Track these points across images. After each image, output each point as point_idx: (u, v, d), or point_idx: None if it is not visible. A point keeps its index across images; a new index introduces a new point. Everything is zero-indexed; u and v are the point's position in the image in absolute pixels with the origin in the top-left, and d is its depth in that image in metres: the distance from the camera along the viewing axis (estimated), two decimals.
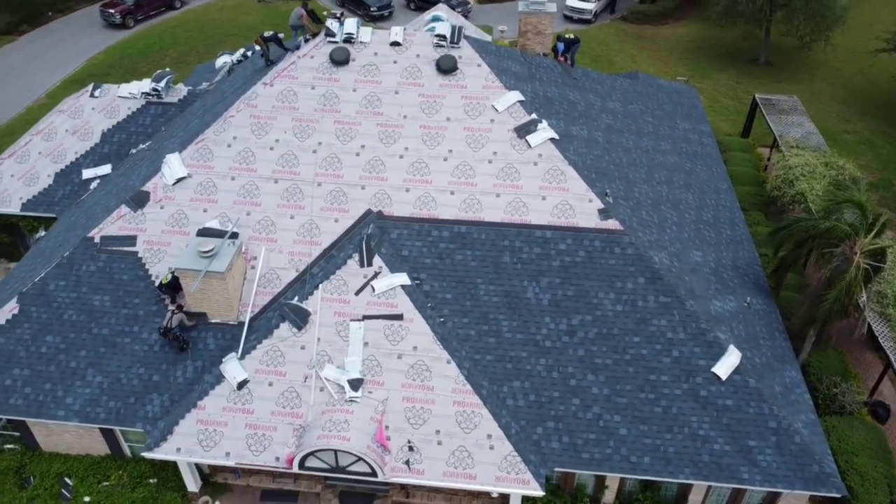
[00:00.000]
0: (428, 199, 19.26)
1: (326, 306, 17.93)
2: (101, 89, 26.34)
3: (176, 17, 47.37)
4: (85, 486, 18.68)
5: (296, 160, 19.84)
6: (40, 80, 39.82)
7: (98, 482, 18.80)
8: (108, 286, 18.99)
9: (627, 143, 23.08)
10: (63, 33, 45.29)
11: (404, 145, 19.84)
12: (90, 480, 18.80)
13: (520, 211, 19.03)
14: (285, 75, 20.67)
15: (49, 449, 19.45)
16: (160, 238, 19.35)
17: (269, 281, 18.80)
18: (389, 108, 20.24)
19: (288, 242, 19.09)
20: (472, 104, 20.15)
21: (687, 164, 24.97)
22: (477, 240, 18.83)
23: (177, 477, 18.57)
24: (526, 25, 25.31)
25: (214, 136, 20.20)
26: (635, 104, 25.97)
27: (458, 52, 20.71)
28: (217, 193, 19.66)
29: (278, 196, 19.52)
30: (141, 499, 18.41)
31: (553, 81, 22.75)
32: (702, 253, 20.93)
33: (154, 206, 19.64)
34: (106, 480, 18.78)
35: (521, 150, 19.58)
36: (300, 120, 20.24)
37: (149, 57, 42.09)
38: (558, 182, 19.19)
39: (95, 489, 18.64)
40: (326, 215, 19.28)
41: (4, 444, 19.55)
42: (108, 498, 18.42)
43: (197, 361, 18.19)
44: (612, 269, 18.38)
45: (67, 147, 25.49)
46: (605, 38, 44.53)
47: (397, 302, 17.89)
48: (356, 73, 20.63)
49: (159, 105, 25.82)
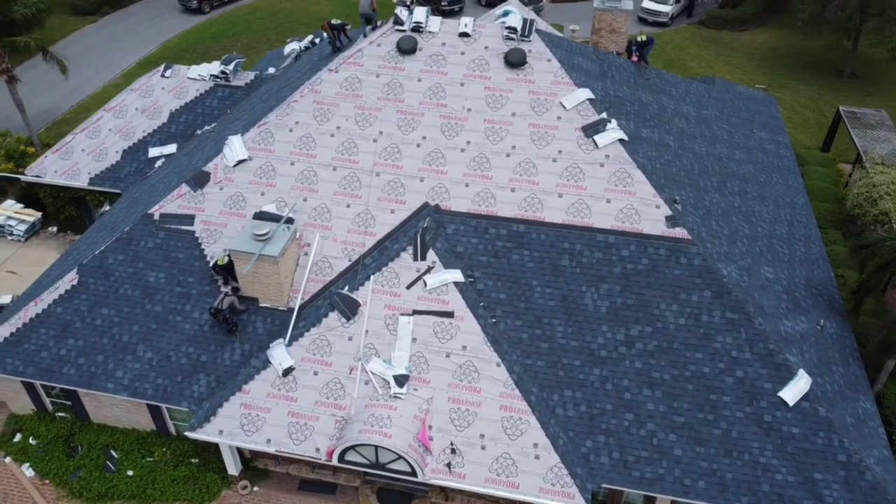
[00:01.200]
0: (487, 196, 18.70)
1: (377, 298, 17.57)
2: (171, 70, 26.73)
3: (250, 4, 48.04)
4: (129, 460, 18.83)
5: (355, 148, 19.56)
6: (118, 60, 40.92)
7: (142, 457, 18.93)
8: (164, 263, 19.10)
9: (700, 150, 21.99)
10: (142, 16, 46.51)
11: (466, 139, 19.32)
12: (135, 455, 18.95)
13: (582, 213, 18.27)
14: (351, 62, 20.42)
15: (98, 420, 19.70)
16: (217, 219, 19.36)
17: (321, 269, 18.57)
18: (454, 101, 19.74)
19: (342, 231, 18.83)
20: (539, 100, 19.47)
21: (762, 176, 23.67)
22: (535, 240, 18.16)
23: (218, 459, 18.53)
24: (600, 23, 24.45)
25: (277, 119, 20.10)
26: (710, 110, 24.79)
27: (528, 45, 20.06)
28: (276, 178, 19.55)
29: (336, 184, 19.28)
30: (182, 477, 18.43)
31: (625, 81, 21.85)
32: (773, 269, 19.72)
33: (213, 187, 19.67)
34: (150, 456, 18.89)
35: (588, 150, 18.80)
36: (362, 108, 19.95)
37: (221, 42, 42.77)
38: (625, 185, 18.34)
39: (139, 464, 18.77)
40: (383, 206, 18.93)
41: (57, 413, 19.90)
42: (151, 473, 18.52)
43: (245, 345, 18.10)
44: (676, 279, 17.44)
45: (136, 125, 25.96)
46: (681, 42, 43.02)
47: (449, 299, 17.39)
48: (422, 62, 20.22)
49: (226, 88, 26.03)
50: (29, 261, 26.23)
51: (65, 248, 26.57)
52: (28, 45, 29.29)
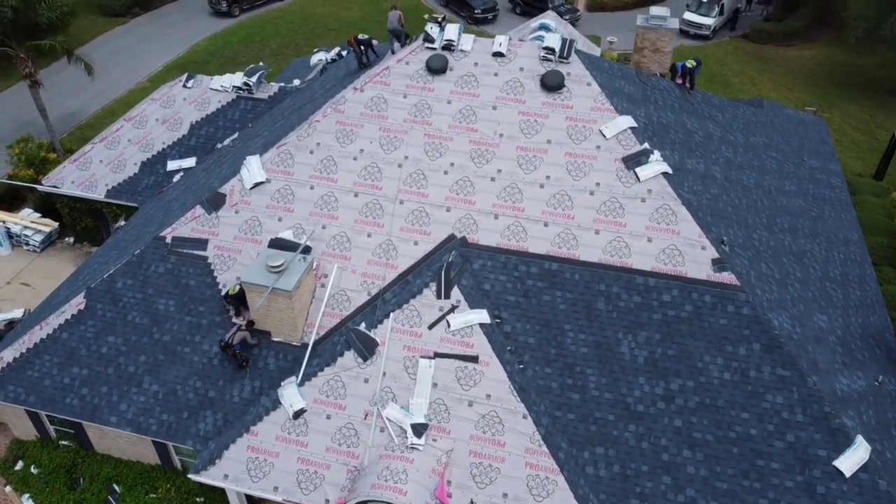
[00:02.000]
0: (518, 229, 17.42)
1: (396, 338, 16.39)
2: (194, 80, 25.87)
3: (280, 7, 47.31)
4: (132, 496, 17.92)
5: (379, 173, 18.41)
6: (146, 63, 40.37)
7: (146, 493, 18.00)
8: (175, 290, 18.15)
9: (748, 182, 20.45)
10: (171, 18, 45.99)
11: (497, 167, 18.05)
12: (138, 490, 18.03)
13: (621, 252, 16.90)
14: (377, 81, 19.28)
15: (102, 451, 18.83)
16: (231, 244, 18.35)
17: (338, 302, 17.46)
18: (485, 125, 18.50)
19: (362, 262, 17.69)
20: (577, 127, 18.14)
21: (813, 210, 22.05)
22: (569, 280, 16.84)
23: (224, 500, 17.51)
24: (643, 41, 23.02)
25: (297, 140, 19.03)
26: (758, 136, 23.21)
27: (566, 67, 18.73)
28: (294, 202, 18.48)
29: (357, 211, 18.15)
30: None
31: (669, 106, 20.41)
32: (827, 317, 18.14)
33: (229, 210, 18.67)
34: (153, 492, 17.97)
35: (629, 184, 17.42)
36: (388, 130, 18.80)
37: (249, 47, 42.05)
38: (668, 223, 16.93)
39: (142, 500, 17.86)
40: (406, 236, 17.76)
41: (60, 440, 19.07)
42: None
43: (255, 381, 17.06)
44: (722, 329, 15.99)
45: (156, 136, 25.14)
46: (723, 56, 41.25)
47: (474, 341, 16.15)
48: (453, 83, 19.00)
49: (249, 100, 25.10)
50: (44, 272, 25.56)
51: (81, 259, 25.87)
52: (53, 47, 28.70)
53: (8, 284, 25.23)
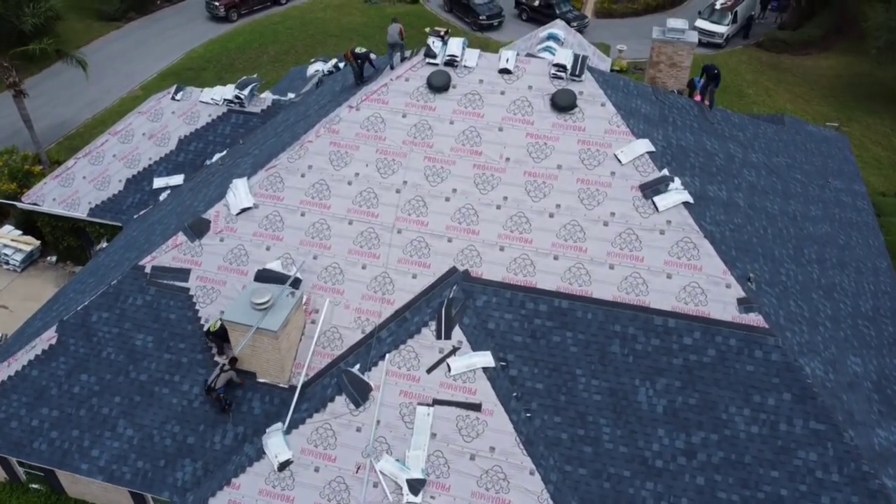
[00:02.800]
0: (525, 263, 16.02)
1: (391, 382, 15.02)
2: (183, 92, 24.55)
3: (280, 13, 45.97)
4: None
5: (375, 199, 17.04)
6: (140, 69, 39.05)
7: None
8: (154, 325, 16.80)
9: (772, 209, 19.03)
10: (168, 23, 44.69)
11: (503, 194, 16.67)
12: None
13: (638, 289, 15.49)
14: (374, 98, 17.91)
15: (75, 495, 17.51)
16: (215, 275, 16.99)
17: (329, 340, 16.09)
18: (490, 148, 17.11)
19: (356, 297, 16.32)
20: (590, 151, 16.74)
21: (841, 236, 20.61)
22: (581, 319, 15.44)
23: None
24: (659, 55, 21.62)
25: (288, 162, 17.68)
26: (781, 156, 21.78)
27: (578, 86, 17.34)
28: (283, 230, 17.12)
29: (351, 240, 16.78)
30: None
31: (688, 126, 19.00)
32: (861, 359, 16.71)
33: (213, 238, 17.32)
34: None
35: (646, 214, 16.01)
36: (385, 152, 17.43)
37: (247, 53, 40.73)
38: (689, 258, 15.52)
39: None
40: (403, 269, 16.38)
41: (31, 484, 17.73)
42: None
43: (238, 427, 15.70)
44: (749, 377, 14.57)
45: (142, 152, 23.82)
46: (737, 66, 39.76)
47: (476, 387, 14.77)
48: (455, 102, 17.62)
49: (241, 114, 23.77)
50: (24, 294, 24.25)
51: (64, 280, 24.53)
52: (44, 51, 27.38)
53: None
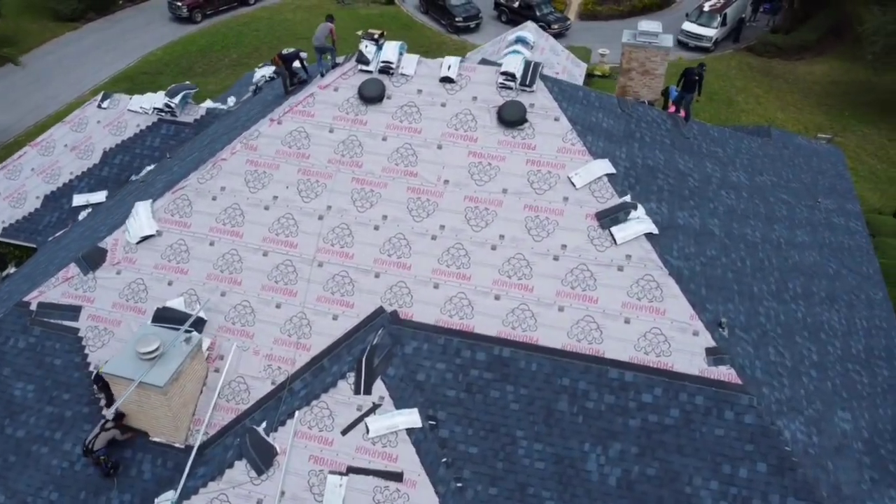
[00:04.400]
0: (462, 303, 13.81)
1: (300, 445, 12.81)
2: (110, 100, 22.31)
3: (247, 14, 43.87)
4: None
5: (295, 227, 14.83)
6: (92, 73, 36.97)
7: None
8: (36, 372, 14.56)
9: (753, 236, 16.84)
10: (129, 24, 42.59)
11: (440, 222, 14.46)
12: None
13: (591, 336, 13.28)
14: (299, 111, 15.72)
15: None
16: (109, 314, 14.76)
17: (235, 393, 13.86)
18: (427, 168, 14.92)
19: (268, 341, 14.09)
20: (540, 173, 14.55)
21: (831, 264, 18.44)
22: (524, 371, 13.22)
23: None
24: (630, 62, 19.45)
25: (198, 183, 15.48)
26: (766, 174, 19.61)
27: (529, 97, 15.15)
28: (189, 261, 14.90)
29: (265, 274, 14.56)
30: None
31: (658, 143, 16.82)
32: (851, 414, 14.51)
33: (110, 270, 15.09)
34: None
35: (603, 247, 13.81)
36: (309, 173, 15.23)
37: (208, 56, 38.62)
38: (651, 299, 13.32)
39: None
40: (323, 308, 14.16)
41: None
42: None
43: (125, 494, 13.43)
44: (719, 443, 12.35)
45: (63, 165, 21.58)
46: (726, 71, 37.66)
47: (398, 452, 12.56)
48: (390, 115, 15.43)
49: (172, 124, 21.56)
50: None
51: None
52: None
53: None
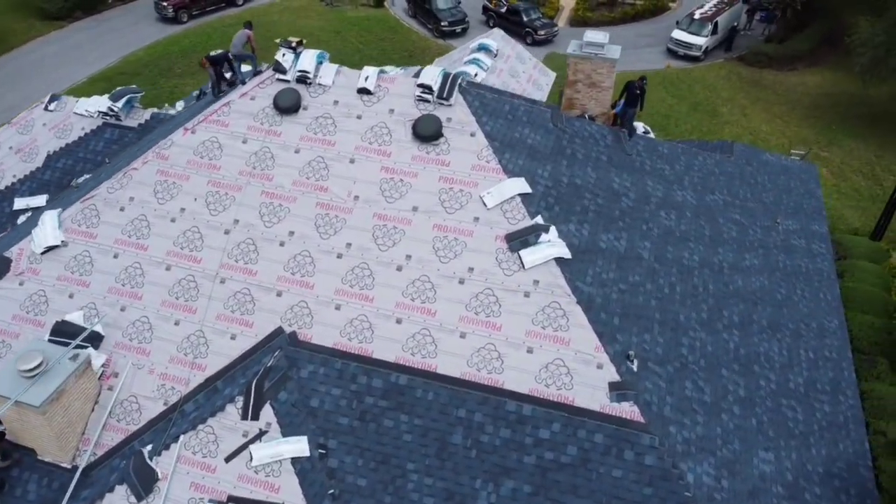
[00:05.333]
0: (363, 326, 13.21)
1: (182, 471, 12.29)
2: (57, 102, 21.94)
3: (234, 14, 43.59)
4: None
5: (200, 241, 14.32)
6: (70, 73, 36.79)
7: None
8: None
9: (690, 259, 16.05)
10: (115, 23, 42.47)
11: (347, 239, 13.88)
12: None
13: (491, 365, 12.62)
14: (213, 120, 15.23)
15: None
16: (9, 326, 14.35)
17: (126, 413, 13.37)
18: (338, 183, 14.34)
19: (163, 359, 13.60)
20: (452, 191, 13.91)
21: (781, 289, 17.59)
22: (420, 400, 12.59)
23: None
24: (576, 74, 18.73)
25: (108, 193, 15.05)
26: (719, 193, 18.79)
27: (447, 111, 14.52)
28: (92, 274, 14.46)
29: (166, 290, 14.07)
30: None
31: (592, 160, 16.10)
32: (775, 454, 13.69)
33: (12, 281, 14.69)
34: None
35: (510, 271, 13.14)
36: (218, 185, 14.72)
37: (190, 57, 38.28)
38: (556, 328, 12.62)
39: None
40: (222, 327, 13.64)
41: None
42: None
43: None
44: (616, 485, 11.63)
45: (7, 168, 21.23)
46: (714, 81, 36.70)
47: (281, 483, 11.99)
48: (304, 127, 14.88)
49: (117, 129, 21.15)
50: None
51: None
52: None
53: None
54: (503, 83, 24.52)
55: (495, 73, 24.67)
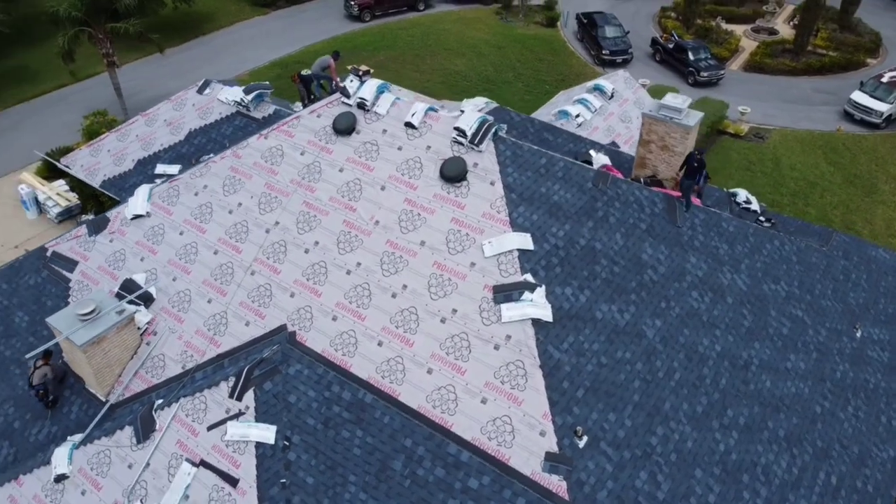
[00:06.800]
0: (350, 341, 14.39)
1: (174, 428, 14.31)
2: (210, 87, 25.46)
3: (411, 19, 46.39)
4: None
5: (245, 235, 16.31)
6: (255, 56, 41.40)
7: None
8: (33, 306, 17.62)
9: (709, 349, 15.27)
10: (308, 15, 47.06)
11: (359, 259, 15.10)
12: None
13: (446, 405, 13.22)
14: (283, 130, 17.14)
15: None
16: (94, 273, 17.38)
17: (153, 368, 15.72)
18: (365, 206, 15.58)
19: (191, 330, 15.77)
20: (459, 233, 14.57)
21: (824, 402, 16.10)
22: (377, 421, 13.53)
23: None
24: (650, 134, 18.31)
25: (189, 179, 17.56)
26: (784, 284, 17.47)
27: (476, 156, 15.15)
28: (160, 244, 17.04)
29: (209, 270, 16.23)
30: None
31: (627, 226, 15.83)
32: None
33: (106, 237, 17.71)
34: None
35: (488, 321, 13.59)
36: (272, 188, 16.60)
37: (358, 55, 41.49)
38: (513, 386, 12.91)
39: None
40: (241, 313, 15.51)
41: None
42: None
43: (54, 426, 15.94)
44: None
45: (158, 137, 25.09)
46: (885, 154, 32.98)
47: (242, 461, 13.57)
48: (353, 149, 16.27)
49: (245, 118, 24.11)
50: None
51: None
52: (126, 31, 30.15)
53: (15, 248, 26.86)
54: (609, 126, 24.40)
55: (603, 115, 24.61)
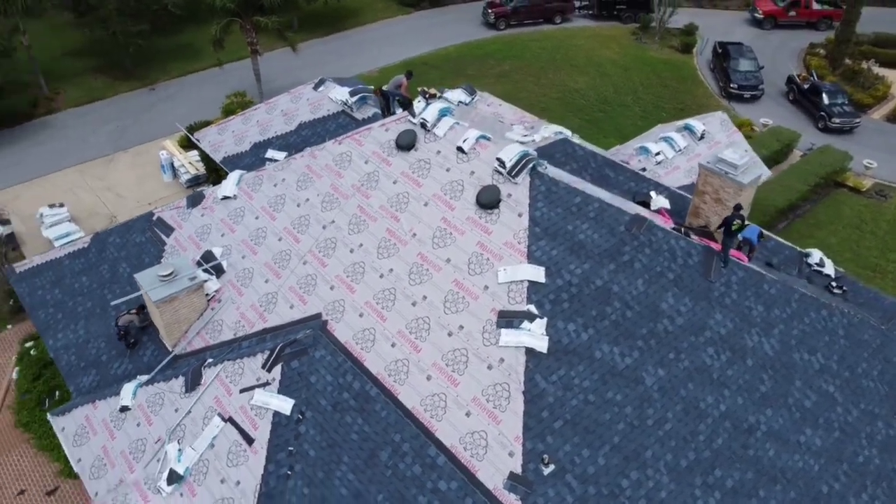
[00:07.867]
0: (369, 337, 16.01)
1: (215, 385, 16.64)
2: (324, 85, 27.98)
3: (545, 32, 47.08)
4: None
5: (306, 227, 18.35)
6: (387, 54, 43.50)
7: None
8: (135, 261, 20.73)
9: (713, 407, 15.38)
10: (447, 17, 48.97)
11: (392, 266, 16.64)
12: None
13: (435, 412, 14.50)
14: (354, 138, 18.99)
15: None
16: (184, 241, 20.20)
17: (212, 330, 18.20)
18: (407, 218, 17.07)
19: (247, 304, 18.07)
20: (481, 257, 15.70)
21: (832, 483, 15.68)
22: (375, 414, 15.06)
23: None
24: (705, 185, 18.35)
25: (273, 171, 19.89)
26: (821, 357, 17.02)
27: (511, 187, 16.16)
28: (239, 224, 19.50)
29: (272, 254, 18.46)
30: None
31: (653, 273, 16.19)
32: None
33: (199, 210, 20.48)
34: None
35: (488, 342, 14.67)
36: (336, 189, 18.52)
37: (484, 62, 42.97)
38: (496, 405, 13.95)
39: None
40: (289, 296, 17.58)
41: None
42: None
43: (130, 364, 18.88)
44: None
45: (274, 125, 27.98)
46: None
47: (260, 424, 15.62)
48: (408, 164, 17.80)
49: (347, 117, 26.35)
50: None
51: None
52: (267, 25, 33.55)
53: (149, 205, 30.95)
54: (692, 168, 24.33)
55: (687, 156, 24.57)
